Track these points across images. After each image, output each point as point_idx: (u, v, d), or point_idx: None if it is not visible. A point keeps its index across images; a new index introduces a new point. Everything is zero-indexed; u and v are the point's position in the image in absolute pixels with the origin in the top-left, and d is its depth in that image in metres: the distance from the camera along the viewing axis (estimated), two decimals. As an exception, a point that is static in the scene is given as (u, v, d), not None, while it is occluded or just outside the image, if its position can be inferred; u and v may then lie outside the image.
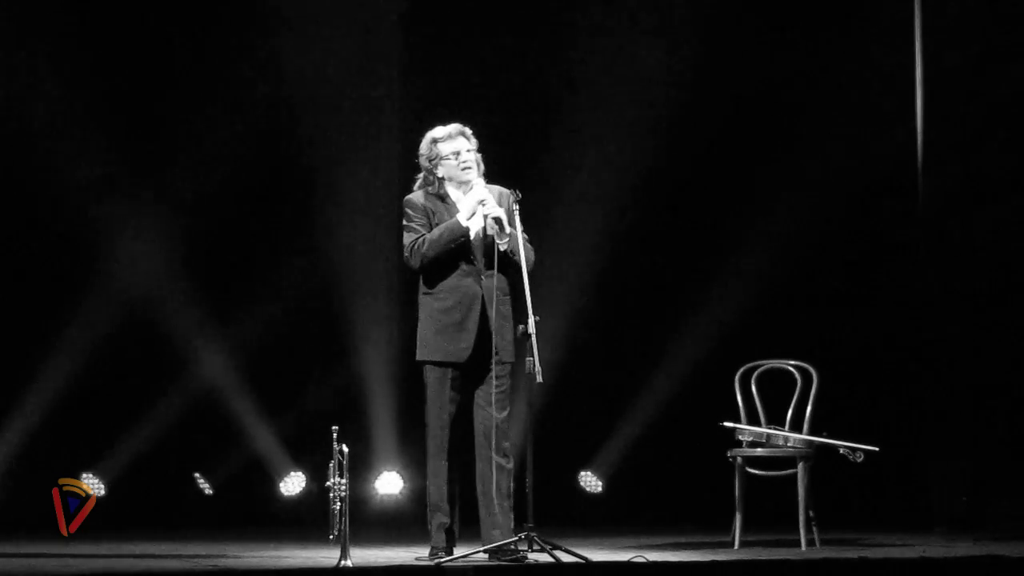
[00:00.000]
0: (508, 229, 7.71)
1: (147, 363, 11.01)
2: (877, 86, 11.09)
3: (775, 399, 8.88)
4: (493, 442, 7.74)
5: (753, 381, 8.92)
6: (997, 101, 10.65)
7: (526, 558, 7.47)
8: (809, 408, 8.73)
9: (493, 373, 7.74)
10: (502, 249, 7.73)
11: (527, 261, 7.74)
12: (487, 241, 7.77)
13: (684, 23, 11.27)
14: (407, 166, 11.50)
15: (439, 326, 7.80)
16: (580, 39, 11.47)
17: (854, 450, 8.40)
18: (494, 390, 7.73)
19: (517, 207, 7.75)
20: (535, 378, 7.49)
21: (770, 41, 11.20)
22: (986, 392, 10.58)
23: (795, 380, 8.83)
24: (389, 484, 11.34)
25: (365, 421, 11.21)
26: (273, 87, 11.26)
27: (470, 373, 7.79)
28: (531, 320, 7.54)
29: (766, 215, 11.14)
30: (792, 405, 8.78)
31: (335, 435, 7.31)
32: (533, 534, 7.46)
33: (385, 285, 11.45)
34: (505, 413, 7.81)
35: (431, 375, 7.84)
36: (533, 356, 7.49)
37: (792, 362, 8.89)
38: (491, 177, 8.07)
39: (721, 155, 11.20)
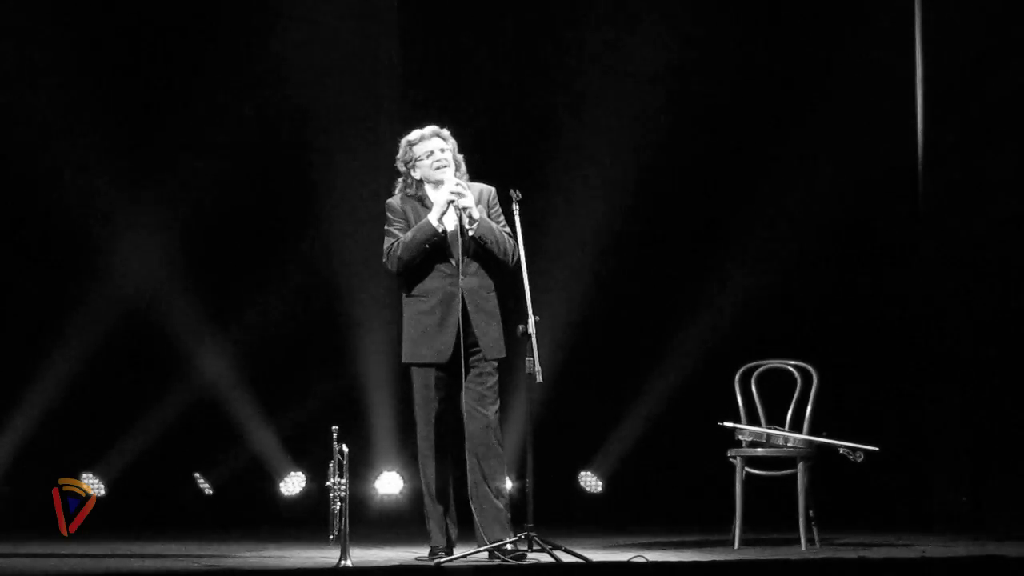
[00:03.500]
0: (476, 216, 7.72)
1: (147, 363, 11.01)
2: (877, 86, 11.09)
3: (775, 399, 8.88)
4: (490, 440, 7.76)
5: (753, 381, 8.92)
6: (997, 101, 10.65)
7: (525, 556, 7.47)
8: (809, 408, 8.72)
9: (477, 371, 7.75)
10: (470, 235, 7.74)
11: (507, 253, 7.77)
12: (464, 238, 7.79)
13: (683, 23, 11.27)
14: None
15: (420, 328, 7.82)
16: (580, 38, 11.47)
17: (854, 450, 8.40)
18: (481, 387, 7.73)
19: (517, 207, 7.76)
20: (535, 378, 7.50)
21: (770, 41, 11.20)
22: (986, 392, 10.58)
23: (795, 380, 8.83)
24: (389, 484, 11.34)
25: (365, 421, 11.21)
26: (273, 87, 11.26)
27: (455, 372, 7.80)
28: (531, 320, 7.54)
29: (766, 215, 11.14)
30: (792, 405, 8.78)
31: (335, 435, 7.32)
32: (533, 534, 7.47)
33: (385, 285, 11.44)
34: (495, 408, 7.81)
35: (416, 376, 7.87)
36: (533, 356, 7.49)
37: (792, 362, 8.89)
38: (492, 177, 8.07)
39: (721, 155, 11.20)
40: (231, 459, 11.16)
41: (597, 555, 7.71)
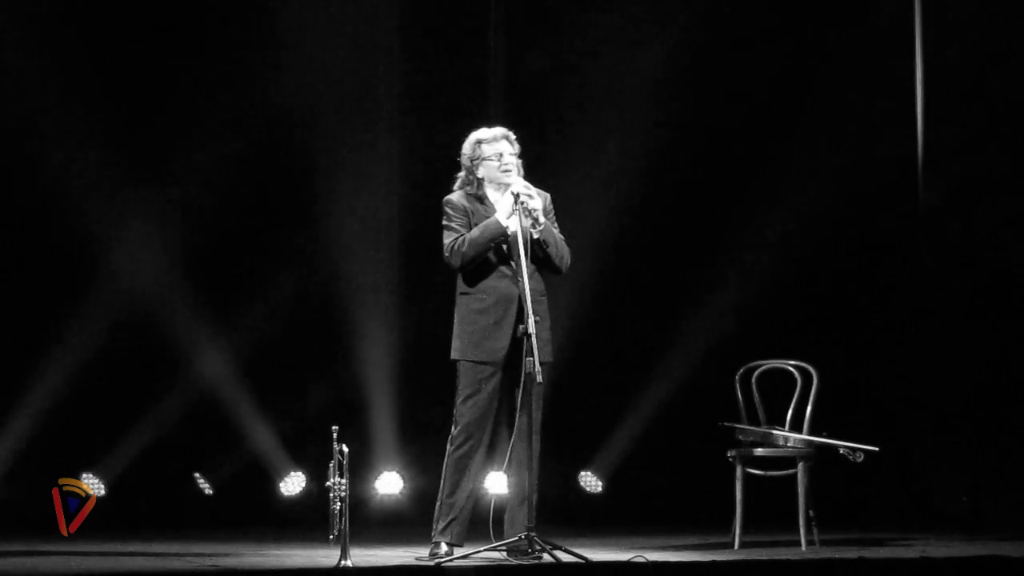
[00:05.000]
0: (543, 220, 7.76)
1: (147, 363, 11.00)
2: (877, 86, 11.09)
3: (775, 399, 8.88)
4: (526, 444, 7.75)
5: (753, 381, 8.92)
6: (997, 101, 10.65)
7: (541, 557, 7.48)
8: (809, 408, 8.72)
9: (528, 373, 7.70)
10: (535, 236, 7.75)
11: (562, 259, 7.85)
12: (526, 241, 7.80)
13: (685, 22, 11.27)
14: (407, 165, 11.61)
15: (475, 326, 7.81)
16: (582, 36, 11.47)
17: (854, 450, 8.40)
18: (530, 390, 7.70)
19: (518, 207, 7.78)
20: (535, 378, 7.51)
21: (770, 41, 11.20)
22: (986, 392, 10.58)
23: (795, 380, 8.83)
24: (389, 484, 11.34)
25: (365, 421, 11.21)
26: (273, 87, 11.25)
27: (506, 373, 7.79)
28: (530, 320, 7.55)
29: (766, 215, 11.15)
30: (792, 405, 8.78)
31: (335, 435, 7.31)
32: (533, 534, 7.47)
33: (385, 284, 11.45)
34: (540, 412, 7.82)
35: (464, 373, 7.83)
36: (533, 356, 7.51)
37: (792, 362, 8.89)
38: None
39: (721, 155, 11.20)
40: (231, 459, 11.15)
41: (597, 555, 7.71)
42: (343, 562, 7.19)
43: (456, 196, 7.95)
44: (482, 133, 7.97)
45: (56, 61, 10.84)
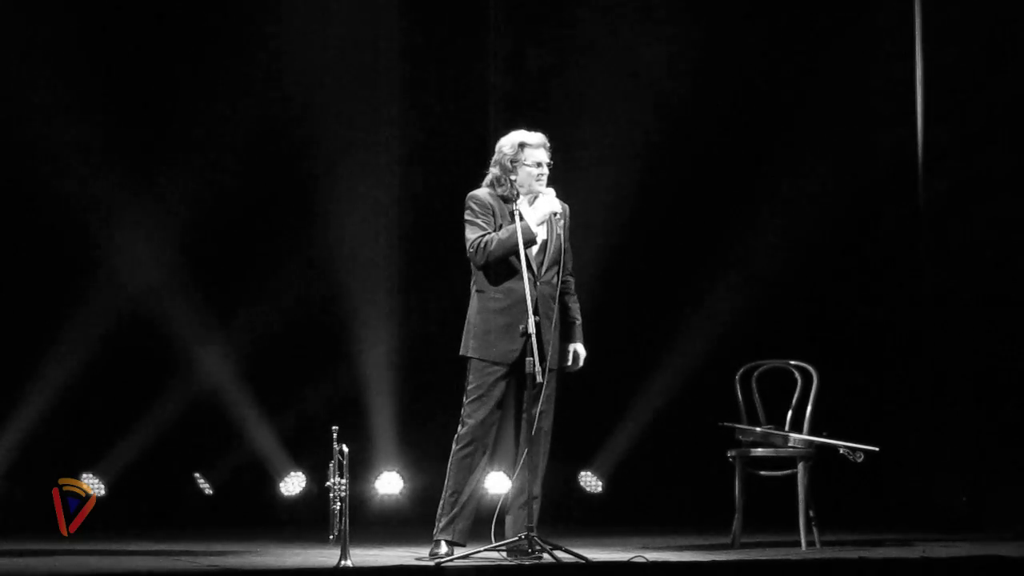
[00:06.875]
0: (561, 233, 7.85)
1: (147, 363, 11.00)
2: (877, 86, 11.09)
3: (775, 399, 8.88)
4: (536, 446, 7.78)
5: (753, 381, 8.92)
6: (997, 101, 10.65)
7: (541, 557, 7.48)
8: (809, 408, 8.72)
9: (539, 378, 7.67)
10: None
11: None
12: (549, 249, 7.80)
13: (685, 22, 11.27)
14: (406, 165, 11.60)
15: (489, 325, 7.78)
16: (583, 35, 11.47)
17: (854, 450, 8.40)
18: (540, 394, 7.68)
19: (519, 209, 7.79)
20: (535, 378, 7.51)
21: (770, 41, 11.20)
22: (986, 392, 10.58)
23: (795, 380, 8.83)
24: (389, 484, 11.34)
25: (365, 421, 11.21)
26: (273, 86, 11.26)
27: (515, 376, 7.78)
28: (530, 320, 7.56)
29: (766, 215, 11.14)
30: (792, 405, 8.78)
31: (335, 435, 7.31)
32: (533, 534, 7.48)
33: (385, 285, 11.45)
34: (550, 416, 7.82)
35: (476, 371, 7.81)
36: (533, 356, 7.51)
37: (792, 362, 8.89)
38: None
39: (721, 155, 11.20)
40: (231, 459, 11.15)
41: (597, 555, 7.71)
42: (343, 562, 7.19)
43: (483, 193, 7.88)
44: (526, 136, 7.89)
45: (55, 56, 10.83)
